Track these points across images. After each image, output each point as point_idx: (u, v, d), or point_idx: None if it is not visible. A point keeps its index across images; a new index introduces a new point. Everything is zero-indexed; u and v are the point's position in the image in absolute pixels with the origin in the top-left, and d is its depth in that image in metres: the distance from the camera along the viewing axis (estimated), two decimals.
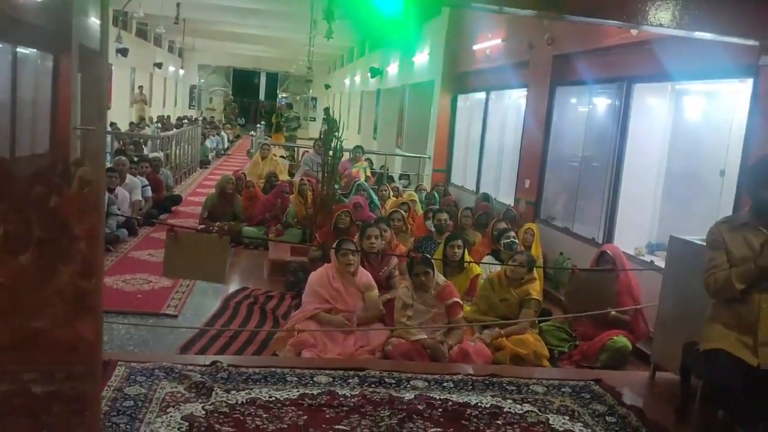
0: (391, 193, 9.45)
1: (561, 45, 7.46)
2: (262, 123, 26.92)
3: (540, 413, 3.76)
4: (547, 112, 7.80)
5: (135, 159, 10.15)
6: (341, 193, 8.70)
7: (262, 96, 37.47)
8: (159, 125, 19.34)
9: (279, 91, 36.10)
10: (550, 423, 3.66)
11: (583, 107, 7.48)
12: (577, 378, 4.40)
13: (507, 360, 4.74)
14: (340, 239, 5.31)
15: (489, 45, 9.79)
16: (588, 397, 4.05)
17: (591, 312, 5.03)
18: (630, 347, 4.94)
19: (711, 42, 4.51)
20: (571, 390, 4.14)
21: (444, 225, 6.67)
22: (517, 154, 8.77)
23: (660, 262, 5.49)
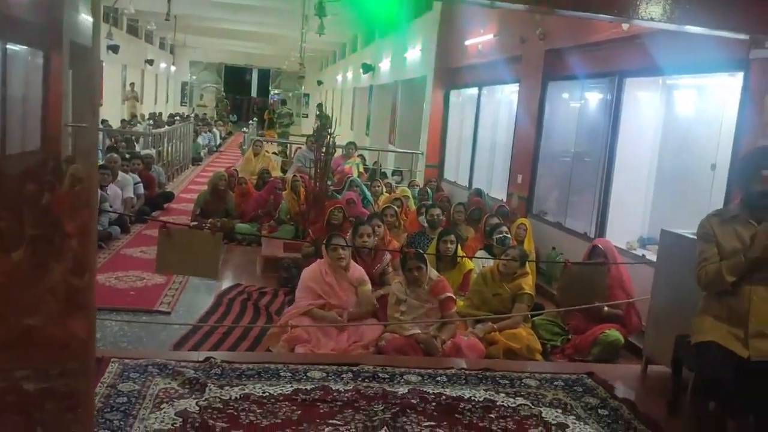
0: (384, 189, 9.45)
1: (553, 40, 7.47)
2: (254, 119, 26.88)
3: (533, 406, 3.78)
4: (539, 106, 7.81)
5: (127, 156, 10.13)
6: (334, 190, 8.71)
7: (254, 93, 37.38)
8: (151, 122, 19.27)
9: (271, 88, 36.06)
10: (542, 416, 3.68)
11: (575, 102, 7.50)
12: (570, 371, 4.42)
13: (500, 354, 4.75)
14: (329, 234, 5.31)
15: (481, 40, 9.78)
16: (580, 391, 4.07)
17: (583, 306, 5.06)
18: (622, 341, 4.96)
19: (701, 36, 4.52)
20: (564, 383, 4.16)
21: (437, 220, 6.67)
22: (510, 149, 8.79)
23: (652, 255, 5.51)
